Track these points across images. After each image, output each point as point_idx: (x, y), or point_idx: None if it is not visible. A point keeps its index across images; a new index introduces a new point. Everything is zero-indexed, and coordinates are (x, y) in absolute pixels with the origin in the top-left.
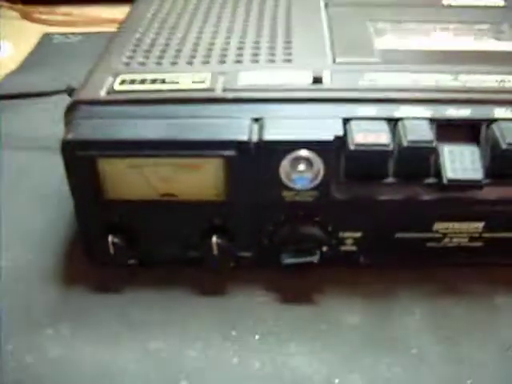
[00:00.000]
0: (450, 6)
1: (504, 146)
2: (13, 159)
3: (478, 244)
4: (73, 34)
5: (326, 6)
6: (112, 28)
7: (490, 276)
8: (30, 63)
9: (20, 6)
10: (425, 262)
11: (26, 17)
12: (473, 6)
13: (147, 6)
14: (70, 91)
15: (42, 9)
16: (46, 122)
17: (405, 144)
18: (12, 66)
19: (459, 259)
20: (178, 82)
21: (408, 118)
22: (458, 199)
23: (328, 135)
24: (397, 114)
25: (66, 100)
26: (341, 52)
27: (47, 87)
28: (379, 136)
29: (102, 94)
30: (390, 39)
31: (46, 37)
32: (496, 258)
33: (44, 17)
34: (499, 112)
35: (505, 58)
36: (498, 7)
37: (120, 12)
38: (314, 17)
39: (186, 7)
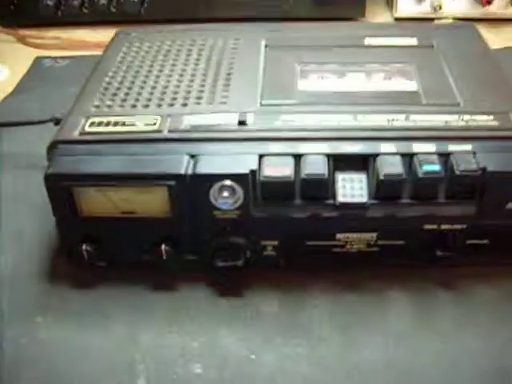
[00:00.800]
0: (369, 46)
1: (381, 177)
2: (7, 175)
3: (375, 249)
4: (61, 57)
5: (266, 47)
6: (96, 51)
7: (386, 275)
8: (23, 87)
9: (15, 30)
10: (332, 264)
11: (20, 40)
12: (389, 46)
13: (116, 52)
14: (55, 121)
15: (34, 33)
16: (35, 143)
17: (302, 176)
18: (9, 88)
19: (360, 262)
20: (134, 125)
21: (309, 154)
22: (349, 217)
23: (245, 169)
24: (301, 151)
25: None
26: (267, 94)
27: (37, 113)
28: (283, 169)
29: (76, 134)
30: (311, 81)
31: (38, 61)
32: (390, 260)
33: (36, 40)
34: (384, 147)
35: (402, 97)
36: (411, 46)
37: (103, 35)
38: (253, 59)
39: (147, 54)
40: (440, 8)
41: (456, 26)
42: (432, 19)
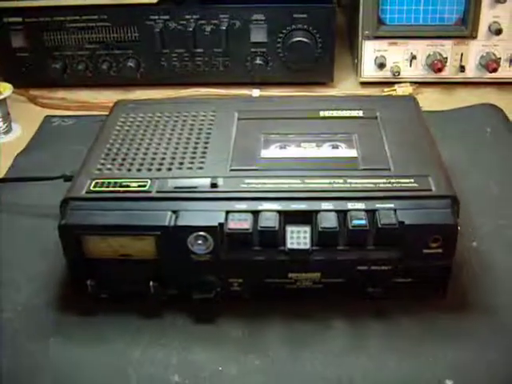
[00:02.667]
0: (324, 118)
1: (320, 229)
2: (23, 222)
3: (320, 286)
4: (68, 116)
5: (238, 119)
6: (98, 112)
7: (328, 307)
8: (34, 145)
9: (26, 91)
10: (286, 297)
11: (31, 100)
12: (339, 117)
13: (115, 121)
14: (64, 177)
15: (43, 93)
16: (47, 196)
17: (259, 228)
18: (22, 145)
19: (308, 296)
20: (129, 186)
21: (264, 211)
22: (297, 260)
23: (214, 223)
24: (259, 208)
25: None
26: (235, 161)
27: (49, 169)
28: (244, 223)
29: (83, 193)
30: (272, 150)
31: (47, 119)
32: (331, 294)
33: (45, 101)
34: (324, 205)
35: (344, 163)
36: (358, 117)
37: (105, 96)
38: (227, 129)
39: (141, 124)
40: (398, 74)
41: (399, 98)
42: (392, 83)
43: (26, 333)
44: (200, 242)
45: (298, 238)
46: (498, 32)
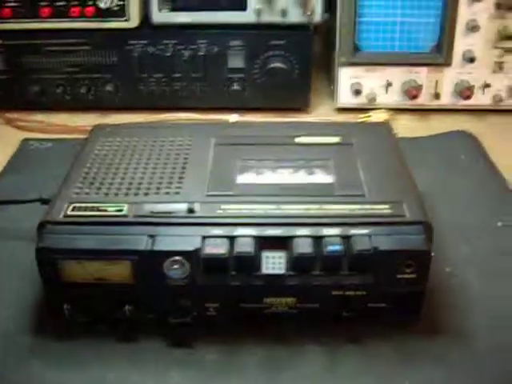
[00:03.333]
0: (299, 144)
1: (295, 255)
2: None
3: (295, 311)
4: (45, 140)
5: (215, 145)
6: (75, 135)
7: (304, 331)
8: (12, 168)
9: (3, 113)
10: (262, 322)
11: (8, 123)
12: (315, 144)
13: (93, 145)
14: (41, 201)
15: (21, 116)
16: (23, 219)
17: (235, 253)
18: None
19: (284, 320)
20: (106, 210)
21: (240, 236)
22: (273, 285)
23: (191, 247)
24: (235, 233)
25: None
26: (212, 186)
27: (26, 192)
28: (219, 248)
29: (60, 216)
30: (248, 175)
31: (25, 143)
32: (309, 319)
33: (22, 124)
34: (299, 231)
35: (319, 189)
36: (334, 144)
37: (84, 120)
38: (204, 155)
39: (119, 148)
40: (374, 100)
41: (374, 125)
42: (368, 109)
43: (2, 359)
44: (176, 266)
45: (274, 263)
46: (472, 60)
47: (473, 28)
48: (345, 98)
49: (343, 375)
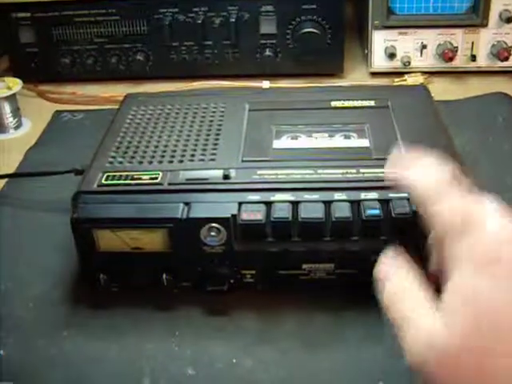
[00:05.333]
0: (335, 108)
1: (333, 219)
2: (35, 217)
3: (333, 277)
4: (77, 111)
5: (249, 111)
6: (107, 106)
7: (342, 298)
8: (45, 139)
9: (35, 86)
10: (300, 288)
11: (40, 95)
12: (351, 107)
13: (125, 114)
14: (75, 171)
15: (52, 88)
16: (58, 190)
17: (271, 219)
18: (32, 140)
19: (323, 287)
20: (140, 178)
21: (277, 201)
22: (310, 250)
23: (227, 214)
24: (271, 199)
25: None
26: (247, 152)
27: (59, 163)
28: (257, 214)
29: (94, 186)
30: (284, 141)
31: (57, 114)
32: (347, 285)
33: (54, 96)
34: (337, 196)
35: (356, 152)
36: (370, 107)
37: (115, 91)
38: (238, 121)
39: (152, 117)
40: (409, 63)
41: (410, 87)
42: (402, 73)
43: (39, 328)
44: (213, 233)
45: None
46: (509, 20)
47: None
48: (379, 61)
49: (383, 342)
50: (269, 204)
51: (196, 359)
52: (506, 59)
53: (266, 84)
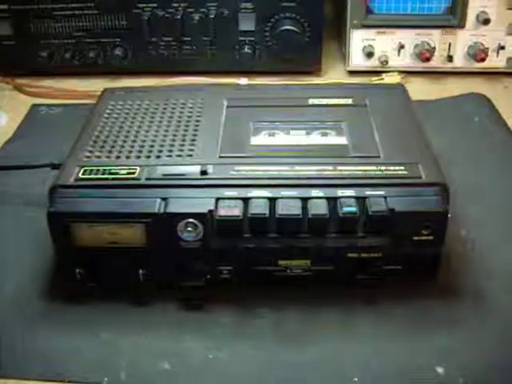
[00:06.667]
0: (313, 105)
1: (310, 216)
2: (11, 211)
3: (309, 273)
4: (55, 105)
5: (227, 107)
6: (85, 100)
7: (318, 294)
8: (21, 133)
9: (12, 79)
10: (277, 284)
11: (17, 89)
12: (329, 105)
13: (103, 108)
14: (52, 165)
15: (29, 82)
16: (34, 184)
17: (248, 215)
18: (8, 133)
19: (299, 283)
20: (118, 173)
21: (255, 197)
22: (286, 246)
23: (204, 209)
24: (249, 195)
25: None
26: (225, 148)
27: (36, 157)
28: (234, 210)
29: (71, 180)
30: (262, 137)
31: (34, 108)
32: (323, 282)
33: (32, 89)
34: (314, 192)
35: (333, 150)
36: (348, 105)
37: (91, 85)
38: (216, 117)
39: (129, 111)
40: (387, 63)
41: (388, 86)
42: (380, 72)
43: (14, 322)
44: (190, 229)
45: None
46: (486, 22)
47: None
48: (357, 60)
49: (358, 338)
50: (246, 200)
51: (172, 354)
52: (483, 60)
53: (243, 81)
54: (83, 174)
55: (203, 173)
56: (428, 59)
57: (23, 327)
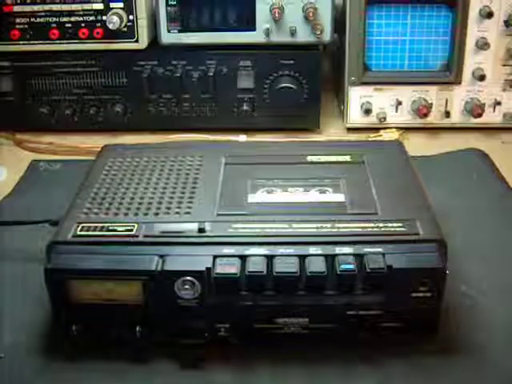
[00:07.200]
0: (311, 163)
1: (308, 274)
2: (8, 266)
3: (308, 331)
4: (54, 161)
5: (225, 164)
6: (85, 156)
7: (318, 352)
8: (20, 189)
9: (12, 135)
10: (275, 342)
11: (17, 144)
12: (327, 162)
13: (102, 165)
14: (50, 222)
15: (30, 137)
16: (32, 241)
17: (246, 273)
18: (7, 189)
19: (298, 341)
20: (116, 230)
21: (252, 255)
22: (284, 304)
23: (202, 267)
24: (246, 253)
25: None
26: (223, 206)
27: (35, 213)
28: (231, 268)
29: (69, 236)
30: (259, 195)
31: (34, 164)
32: (322, 339)
33: (32, 145)
34: (311, 250)
35: (331, 207)
36: (346, 162)
37: (93, 141)
38: (214, 174)
39: (128, 168)
40: (384, 119)
41: (385, 143)
42: (378, 129)
43: (10, 379)
44: (187, 286)
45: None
46: (482, 78)
47: (482, 46)
48: (355, 117)
49: None
50: (244, 258)
51: None
52: (480, 116)
53: (242, 138)
54: (81, 231)
55: (201, 230)
56: (426, 115)
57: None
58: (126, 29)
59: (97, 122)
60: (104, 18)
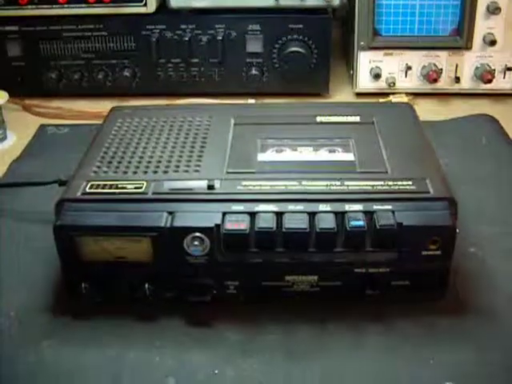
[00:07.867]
0: (321, 123)
1: (317, 230)
2: (18, 228)
3: (317, 289)
4: (63, 125)
5: (234, 125)
6: (92, 121)
7: (326, 310)
8: (29, 152)
9: (21, 100)
10: (284, 299)
11: (26, 109)
12: (336, 123)
13: (111, 126)
14: (59, 182)
15: (38, 102)
16: (42, 201)
17: (255, 229)
18: (17, 152)
19: (306, 299)
20: (125, 188)
21: (261, 212)
22: (294, 261)
23: (211, 224)
24: (256, 209)
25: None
26: (232, 164)
27: (43, 175)
28: (241, 224)
29: (79, 194)
30: (269, 154)
31: (42, 128)
32: (331, 297)
33: (40, 110)
34: (321, 207)
35: (341, 166)
36: (355, 123)
37: (99, 106)
38: (224, 134)
39: (137, 129)
40: (394, 84)
41: (395, 105)
42: (387, 94)
43: (20, 337)
44: (196, 243)
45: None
46: (493, 43)
47: (494, 10)
48: (364, 82)
49: (366, 355)
50: (253, 214)
51: (177, 369)
52: (490, 82)
53: (251, 102)
54: (90, 189)
55: (210, 187)
56: (435, 80)
57: (27, 344)
58: None
59: (105, 86)
60: None
